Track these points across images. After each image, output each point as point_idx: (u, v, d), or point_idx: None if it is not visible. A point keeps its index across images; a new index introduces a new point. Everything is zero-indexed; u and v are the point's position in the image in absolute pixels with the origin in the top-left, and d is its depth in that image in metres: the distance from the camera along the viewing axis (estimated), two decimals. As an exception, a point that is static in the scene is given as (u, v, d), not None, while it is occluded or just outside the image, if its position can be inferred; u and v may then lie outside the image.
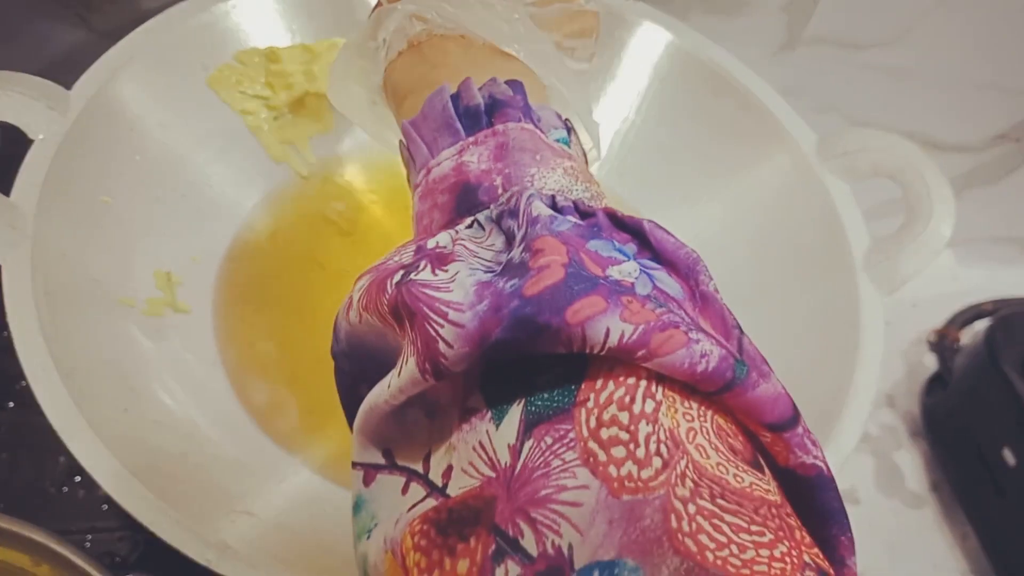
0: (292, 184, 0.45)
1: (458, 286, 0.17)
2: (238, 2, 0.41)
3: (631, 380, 0.17)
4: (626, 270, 0.18)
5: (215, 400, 0.37)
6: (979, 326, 0.52)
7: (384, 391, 0.19)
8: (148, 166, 0.39)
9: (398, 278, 0.19)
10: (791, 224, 0.43)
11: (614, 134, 0.47)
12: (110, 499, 0.28)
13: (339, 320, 0.21)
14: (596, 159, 0.28)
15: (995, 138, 0.54)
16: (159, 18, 0.39)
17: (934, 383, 0.55)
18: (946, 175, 0.38)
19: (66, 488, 0.38)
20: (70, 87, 0.36)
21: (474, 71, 0.25)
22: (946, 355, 0.53)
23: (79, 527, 0.37)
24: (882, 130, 0.40)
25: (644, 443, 0.16)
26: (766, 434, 0.17)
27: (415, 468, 0.19)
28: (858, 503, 0.51)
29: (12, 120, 0.33)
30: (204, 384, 0.38)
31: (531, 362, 0.17)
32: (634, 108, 0.46)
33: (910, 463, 0.53)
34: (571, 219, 0.19)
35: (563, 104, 0.27)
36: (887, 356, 0.36)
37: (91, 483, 0.28)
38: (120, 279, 0.36)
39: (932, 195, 0.37)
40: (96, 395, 0.31)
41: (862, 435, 0.34)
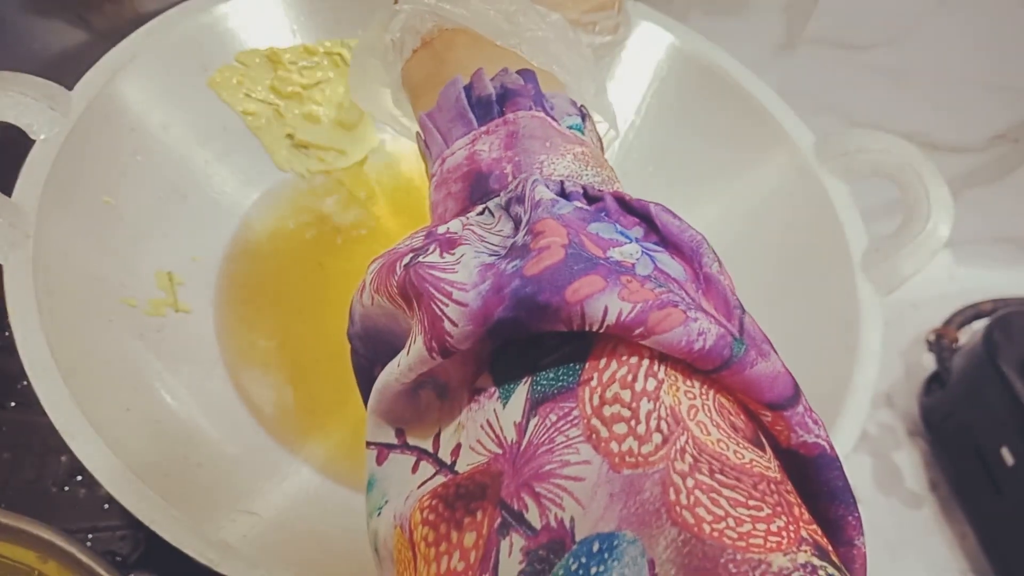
0: (292, 184, 0.45)
1: (463, 267, 0.18)
2: (239, 3, 0.41)
3: (633, 359, 0.17)
4: (627, 251, 0.18)
5: (216, 400, 0.37)
6: (977, 326, 0.52)
7: (395, 370, 0.19)
8: (149, 166, 0.39)
9: (407, 260, 0.19)
10: (790, 224, 0.43)
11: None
12: (111, 498, 0.28)
13: (354, 303, 0.22)
14: (614, 138, 0.28)
15: (993, 138, 0.54)
16: (160, 19, 0.39)
17: (932, 383, 0.55)
18: (944, 175, 0.38)
19: (67, 487, 0.38)
20: (71, 88, 0.36)
21: (486, 62, 0.25)
22: (944, 355, 0.53)
23: (80, 526, 0.37)
24: (881, 131, 0.40)
25: (645, 420, 0.16)
26: (766, 413, 0.18)
27: (425, 447, 0.19)
28: (857, 502, 0.51)
29: (14, 120, 0.33)
30: (205, 384, 0.38)
31: (537, 342, 0.18)
32: (633, 108, 0.46)
33: (909, 463, 0.53)
34: (575, 203, 0.20)
35: (578, 89, 0.27)
36: (885, 356, 0.36)
37: (92, 482, 0.28)
38: (122, 279, 0.37)
39: (930, 195, 0.38)
40: (97, 395, 0.31)
41: (861, 435, 0.34)
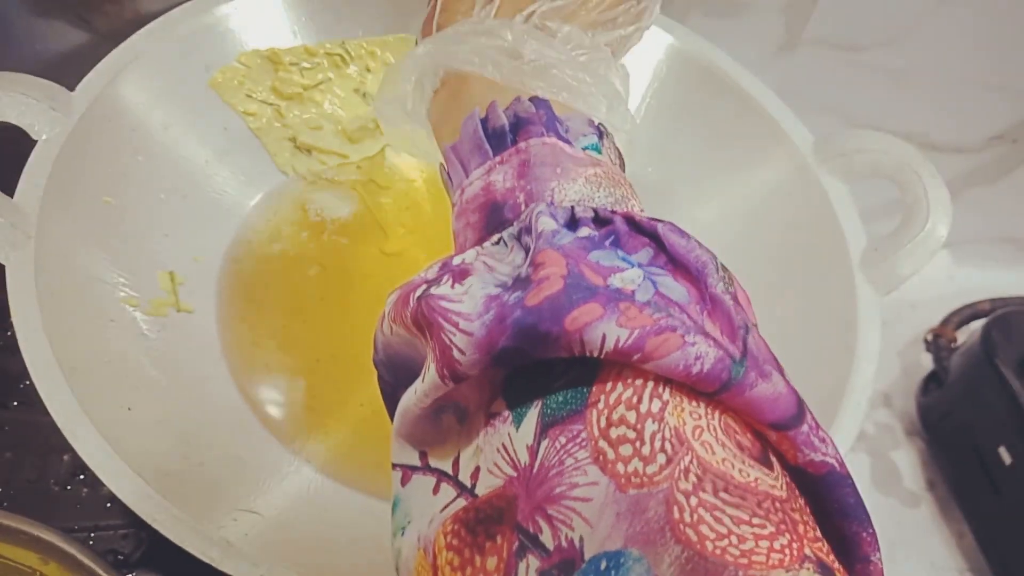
0: (293, 184, 0.45)
1: (470, 298, 0.19)
2: (240, 4, 0.41)
3: (639, 381, 0.18)
4: (628, 277, 0.19)
5: (218, 399, 0.38)
6: (975, 326, 0.52)
7: (413, 395, 0.20)
8: (150, 167, 0.39)
9: (420, 292, 0.20)
10: (789, 224, 0.43)
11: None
12: (114, 497, 0.28)
13: (376, 332, 0.23)
14: (630, 142, 0.28)
15: (992, 139, 0.54)
16: (161, 20, 0.39)
17: (930, 382, 0.55)
18: (943, 176, 0.38)
19: (70, 486, 0.38)
20: (73, 88, 0.36)
21: (500, 92, 0.26)
22: (942, 355, 0.54)
23: (83, 525, 0.37)
24: (880, 131, 0.41)
25: (649, 441, 0.17)
26: (771, 433, 0.18)
27: (446, 469, 0.20)
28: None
29: (15, 121, 0.34)
30: (207, 383, 0.38)
31: (546, 367, 0.19)
32: (633, 109, 0.46)
33: (907, 462, 0.54)
34: (581, 230, 0.20)
35: (589, 108, 0.27)
36: (884, 355, 0.37)
37: (95, 481, 0.28)
38: (123, 279, 0.37)
39: (929, 196, 0.38)
40: (99, 394, 0.31)
41: (859, 434, 0.35)
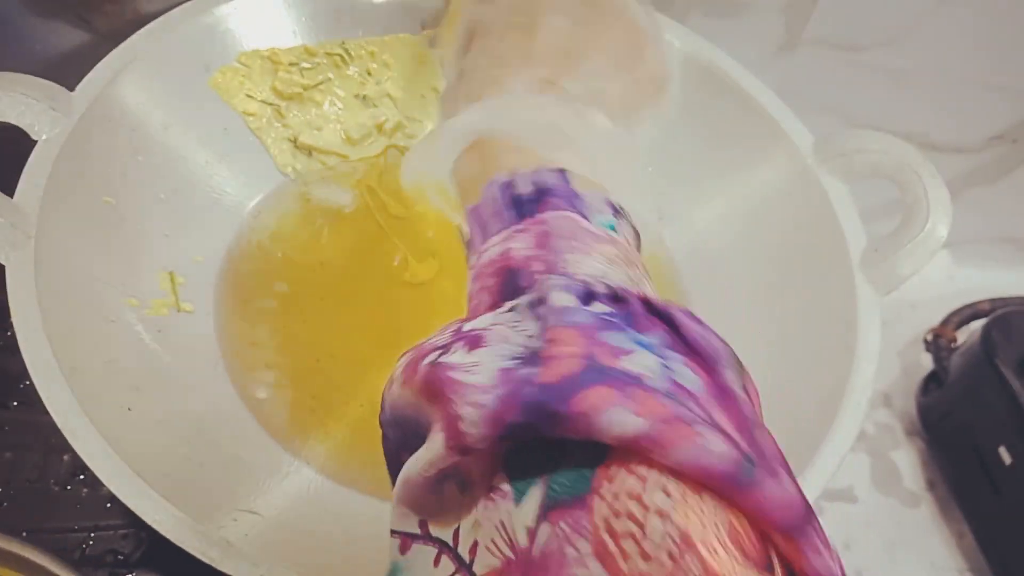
0: (293, 184, 0.45)
1: (482, 370, 0.19)
2: (240, 4, 0.41)
3: (644, 469, 0.17)
4: (642, 362, 0.18)
5: (218, 399, 0.38)
6: (975, 326, 0.52)
7: (416, 464, 0.20)
8: (150, 167, 0.39)
9: (431, 359, 0.20)
10: (789, 224, 0.43)
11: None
12: (113, 497, 0.28)
13: (384, 392, 0.22)
14: (652, 221, 0.29)
15: (992, 139, 0.54)
16: (161, 20, 0.39)
17: (930, 382, 0.55)
18: (944, 176, 0.38)
19: (69, 486, 0.38)
20: (73, 88, 0.36)
21: (524, 161, 0.26)
22: (942, 354, 0.54)
23: (82, 525, 0.38)
24: (880, 131, 0.41)
25: (654, 538, 0.16)
26: (776, 535, 0.17)
27: (446, 540, 0.20)
28: (855, 502, 0.51)
29: (15, 121, 0.34)
30: (207, 383, 0.38)
31: (552, 445, 0.18)
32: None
33: (907, 462, 0.54)
34: (595, 308, 0.20)
35: (616, 187, 0.28)
36: (884, 355, 0.37)
37: (94, 481, 0.28)
38: (123, 279, 0.37)
39: (929, 196, 0.38)
40: (99, 394, 0.31)
41: (859, 434, 0.35)
